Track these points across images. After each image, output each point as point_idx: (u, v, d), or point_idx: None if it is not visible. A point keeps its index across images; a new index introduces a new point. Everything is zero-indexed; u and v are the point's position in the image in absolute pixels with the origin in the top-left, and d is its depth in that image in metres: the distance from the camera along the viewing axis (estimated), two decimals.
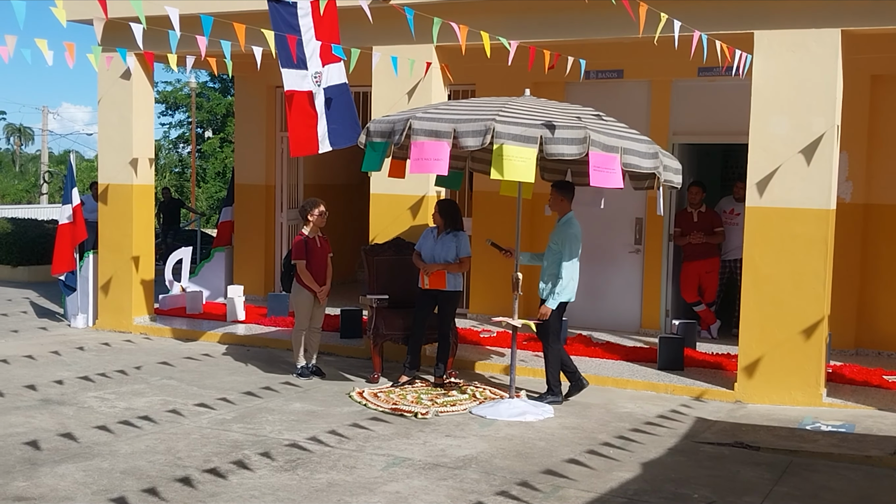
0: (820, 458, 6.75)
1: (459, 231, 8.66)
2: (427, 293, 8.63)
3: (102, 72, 11.33)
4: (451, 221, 8.64)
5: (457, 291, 8.70)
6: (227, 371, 9.34)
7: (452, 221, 8.64)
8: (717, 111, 10.91)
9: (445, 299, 8.63)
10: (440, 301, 8.63)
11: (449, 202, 8.90)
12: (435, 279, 8.55)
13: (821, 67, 8.20)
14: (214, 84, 41.40)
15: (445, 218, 8.63)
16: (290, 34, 8.18)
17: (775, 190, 8.37)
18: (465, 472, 6.23)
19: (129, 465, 6.19)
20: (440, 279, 8.54)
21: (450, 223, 8.63)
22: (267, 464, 6.31)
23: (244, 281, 13.29)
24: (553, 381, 8.22)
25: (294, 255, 8.97)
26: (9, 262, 16.98)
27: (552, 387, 8.23)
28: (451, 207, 8.74)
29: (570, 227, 8.11)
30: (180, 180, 42.63)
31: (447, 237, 8.61)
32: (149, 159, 11.69)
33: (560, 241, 8.04)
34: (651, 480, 6.17)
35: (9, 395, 8.11)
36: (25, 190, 47.16)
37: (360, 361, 9.80)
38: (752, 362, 8.45)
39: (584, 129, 7.05)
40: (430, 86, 9.71)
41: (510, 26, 9.07)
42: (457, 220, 8.67)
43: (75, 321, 11.85)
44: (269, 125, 13.81)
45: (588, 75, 10.64)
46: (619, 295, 11.53)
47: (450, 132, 7.19)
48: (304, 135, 8.70)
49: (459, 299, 8.88)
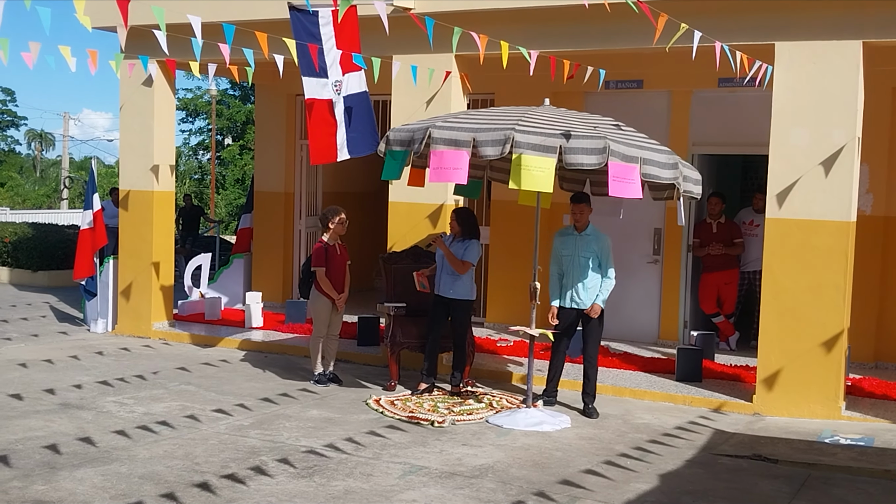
0: (838, 472, 6.71)
1: (473, 238, 8.65)
2: (440, 301, 8.64)
3: (124, 79, 11.43)
4: (468, 229, 8.64)
5: (468, 300, 8.66)
6: (244, 377, 9.37)
7: (469, 229, 8.64)
8: (737, 122, 10.87)
9: (457, 307, 8.62)
10: (452, 309, 8.62)
11: (466, 210, 8.90)
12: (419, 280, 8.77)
13: (842, 79, 8.17)
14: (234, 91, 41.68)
15: (462, 225, 8.63)
16: (311, 43, 8.23)
17: (795, 201, 8.34)
18: (481, 482, 6.22)
19: (148, 470, 6.22)
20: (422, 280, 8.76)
21: (466, 231, 8.63)
22: (284, 470, 6.32)
23: (262, 287, 13.34)
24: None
25: (314, 262, 9.00)
26: (29, 267, 17.11)
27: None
28: (468, 215, 8.74)
29: (605, 237, 8.37)
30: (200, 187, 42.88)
31: (458, 243, 8.61)
32: (170, 166, 11.77)
33: (599, 251, 8.24)
34: (668, 492, 6.14)
35: (28, 398, 8.17)
36: (46, 195, 47.53)
37: (377, 369, 9.82)
38: (771, 374, 8.41)
39: (603, 139, 7.05)
40: (450, 95, 9.73)
41: (530, 36, 9.08)
42: (472, 229, 8.67)
43: (95, 326, 11.93)
44: (289, 133, 13.87)
45: (607, 85, 10.65)
46: (637, 305, 11.49)
47: (469, 141, 7.21)
48: (323, 143, 8.74)
49: (472, 308, 8.85)
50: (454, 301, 8.58)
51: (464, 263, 8.50)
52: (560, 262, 8.26)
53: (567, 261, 8.20)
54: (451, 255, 8.50)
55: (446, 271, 8.58)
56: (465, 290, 8.61)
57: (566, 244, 8.25)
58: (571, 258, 8.18)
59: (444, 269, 8.60)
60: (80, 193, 41.35)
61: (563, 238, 8.32)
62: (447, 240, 8.70)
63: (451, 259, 8.50)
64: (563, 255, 8.24)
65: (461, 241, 8.60)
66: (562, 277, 8.24)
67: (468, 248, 8.55)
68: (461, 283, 8.56)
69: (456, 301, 8.59)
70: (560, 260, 8.26)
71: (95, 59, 7.15)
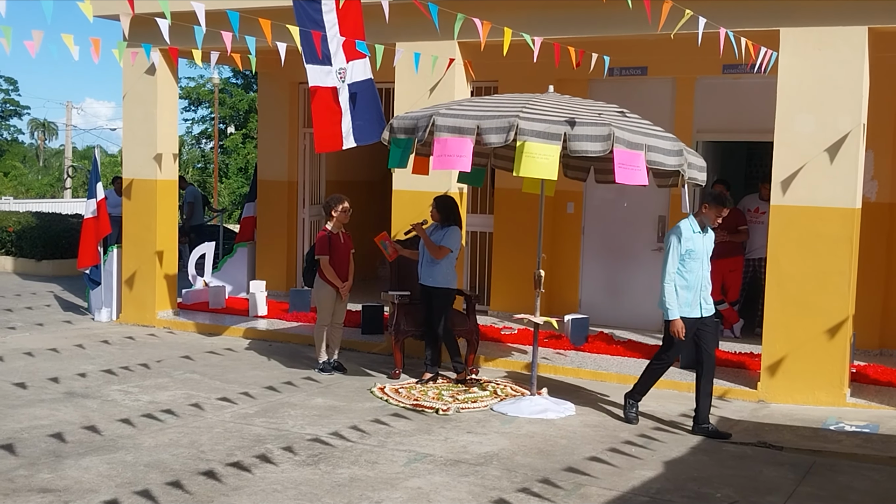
0: (843, 459, 6.71)
1: (453, 225, 8.63)
2: (424, 290, 8.64)
3: (127, 67, 11.40)
4: (447, 216, 8.62)
5: (446, 288, 8.60)
6: (249, 366, 9.38)
7: (448, 216, 8.62)
8: (741, 109, 10.84)
9: (436, 295, 8.58)
10: (432, 297, 8.60)
11: (445, 197, 8.84)
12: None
13: (847, 65, 8.14)
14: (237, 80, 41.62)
15: (441, 212, 8.62)
16: (314, 30, 8.20)
17: (800, 188, 8.31)
18: (486, 469, 6.23)
19: (153, 459, 6.23)
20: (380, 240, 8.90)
21: (445, 218, 8.61)
22: (289, 458, 6.33)
23: (266, 276, 13.33)
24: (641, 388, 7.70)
25: (317, 251, 9.00)
26: (33, 256, 17.12)
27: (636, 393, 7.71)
28: (447, 202, 8.71)
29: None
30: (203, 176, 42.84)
31: (439, 230, 8.60)
32: (173, 154, 11.76)
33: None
34: (673, 479, 6.15)
35: (33, 387, 8.18)
36: (49, 184, 47.53)
37: (382, 357, 9.82)
38: (776, 362, 8.40)
39: (608, 126, 7.02)
40: (453, 82, 9.71)
41: (534, 23, 9.04)
42: (452, 215, 8.64)
43: (99, 315, 11.94)
44: (292, 121, 13.85)
45: (612, 72, 10.61)
46: (641, 293, 11.48)
47: (473, 129, 7.19)
48: (328, 131, 8.72)
49: (452, 296, 8.77)
50: (433, 289, 8.56)
51: (440, 249, 8.47)
52: (686, 265, 7.30)
53: (697, 264, 7.31)
54: (429, 241, 8.50)
55: (426, 259, 8.57)
56: (442, 277, 8.56)
57: (696, 243, 7.31)
58: (702, 260, 7.35)
59: (424, 257, 8.60)
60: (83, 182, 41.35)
61: (693, 237, 7.31)
62: (429, 229, 8.68)
63: (428, 244, 8.50)
64: (695, 258, 7.30)
65: (442, 229, 8.59)
66: (687, 284, 7.32)
67: (447, 234, 8.54)
68: (438, 269, 8.52)
69: (435, 289, 8.55)
70: (689, 263, 7.30)
71: (98, 47, 7.13)
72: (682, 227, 7.32)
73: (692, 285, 7.31)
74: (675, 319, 7.29)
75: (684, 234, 7.28)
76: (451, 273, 8.64)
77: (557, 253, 11.77)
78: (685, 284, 7.29)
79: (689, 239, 7.27)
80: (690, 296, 7.32)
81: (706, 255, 7.40)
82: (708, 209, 7.30)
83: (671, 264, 7.27)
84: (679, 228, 7.32)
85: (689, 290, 7.31)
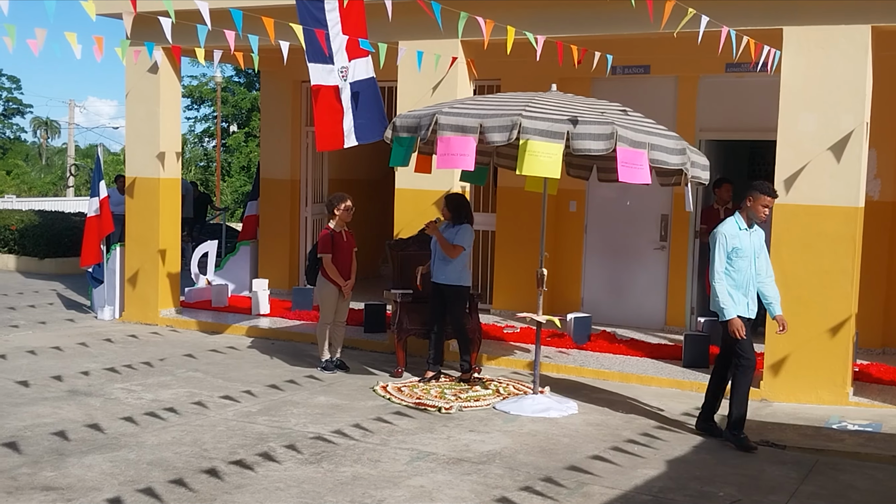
0: (846, 458, 6.71)
1: (465, 223, 8.62)
2: (436, 288, 8.63)
3: (130, 66, 11.40)
4: (458, 214, 8.62)
5: (462, 286, 8.60)
6: (252, 364, 9.39)
7: (459, 214, 8.62)
8: (744, 107, 10.83)
9: (450, 293, 8.58)
10: (446, 296, 8.59)
11: (456, 195, 8.84)
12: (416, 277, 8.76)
13: (850, 64, 8.13)
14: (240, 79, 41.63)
15: (452, 211, 8.61)
16: (317, 28, 8.20)
17: (803, 187, 8.31)
18: (488, 468, 6.23)
19: (156, 457, 6.23)
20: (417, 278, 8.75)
21: (456, 216, 8.61)
22: (292, 456, 6.34)
23: (269, 275, 13.34)
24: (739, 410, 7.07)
25: (320, 249, 9.00)
26: (36, 255, 17.13)
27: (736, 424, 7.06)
28: (458, 200, 8.70)
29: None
30: (205, 174, 42.87)
31: (451, 229, 8.60)
32: (175, 153, 11.77)
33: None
34: (676, 478, 6.15)
35: (36, 385, 8.19)
36: (52, 183, 47.59)
37: (384, 356, 9.82)
38: (779, 360, 8.40)
39: (611, 124, 7.02)
40: (456, 81, 9.71)
41: (536, 21, 9.04)
42: (463, 213, 8.64)
43: (102, 313, 11.95)
44: (295, 120, 13.86)
45: (614, 71, 10.59)
46: (643, 292, 11.49)
47: (476, 127, 7.18)
48: (330, 129, 8.72)
49: (467, 294, 8.78)
50: (447, 287, 8.56)
51: (454, 247, 8.47)
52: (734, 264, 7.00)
53: (746, 263, 7.01)
54: (443, 240, 8.49)
55: (439, 257, 8.57)
56: (456, 275, 8.56)
57: (742, 240, 7.01)
58: (750, 259, 7.04)
59: (437, 255, 8.60)
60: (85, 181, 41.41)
61: (738, 234, 7.01)
62: (440, 227, 8.69)
63: (442, 243, 8.49)
64: (742, 256, 7.00)
65: (454, 227, 8.59)
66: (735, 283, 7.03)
67: (459, 232, 8.54)
68: (452, 268, 8.52)
69: (448, 287, 8.56)
70: (736, 261, 6.99)
71: (101, 45, 7.13)
72: (726, 224, 7.05)
73: (740, 284, 7.00)
74: (733, 319, 6.92)
75: (729, 231, 6.98)
76: (465, 270, 8.65)
77: (560, 251, 11.77)
78: (733, 284, 6.99)
79: (734, 236, 6.97)
80: (739, 295, 7.02)
81: (754, 253, 7.04)
82: (752, 202, 6.97)
83: (718, 262, 6.95)
84: (723, 225, 7.05)
85: (738, 289, 7.01)
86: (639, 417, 7.69)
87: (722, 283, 6.97)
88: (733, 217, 7.11)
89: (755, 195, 6.97)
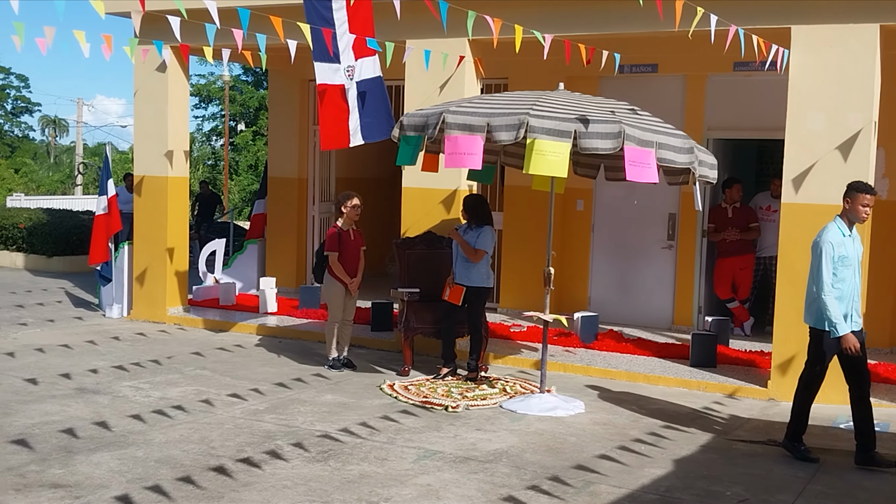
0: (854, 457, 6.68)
1: (484, 226, 8.62)
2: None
3: (138, 64, 11.42)
4: (477, 217, 8.61)
5: (484, 287, 8.65)
6: (259, 362, 9.40)
7: (475, 217, 8.61)
8: (752, 106, 10.81)
9: (472, 294, 8.61)
10: (468, 296, 8.61)
11: (475, 197, 8.84)
12: (453, 294, 8.59)
13: (858, 63, 8.11)
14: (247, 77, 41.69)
15: (471, 214, 8.62)
16: (324, 27, 8.21)
17: (811, 186, 8.29)
18: (495, 466, 6.23)
19: (164, 454, 6.25)
20: (456, 295, 8.56)
21: (476, 219, 8.61)
22: (299, 454, 6.35)
23: (276, 273, 13.36)
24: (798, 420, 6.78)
25: (327, 247, 9.01)
26: (44, 253, 17.18)
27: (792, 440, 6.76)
28: (477, 203, 8.70)
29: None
30: (213, 173, 42.95)
31: (472, 231, 8.60)
32: (184, 152, 11.79)
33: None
34: (683, 477, 6.14)
35: (45, 383, 8.21)
36: (60, 181, 47.67)
37: (391, 354, 9.83)
38: (786, 360, 8.38)
39: (618, 123, 7.01)
40: (463, 80, 9.71)
41: (544, 20, 9.03)
42: (483, 215, 8.63)
43: (110, 311, 11.98)
44: (302, 119, 13.87)
45: (622, 69, 10.57)
46: (651, 291, 11.48)
47: (483, 126, 7.18)
48: (335, 128, 8.72)
49: (488, 294, 8.83)
50: (469, 288, 8.57)
51: (476, 251, 8.49)
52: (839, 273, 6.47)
53: (850, 272, 6.51)
54: (465, 244, 8.49)
55: (461, 259, 8.57)
56: (480, 277, 8.60)
57: (847, 248, 6.52)
58: (854, 267, 6.55)
59: (458, 258, 8.60)
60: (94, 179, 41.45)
61: (843, 241, 6.51)
62: (461, 228, 8.69)
63: (465, 248, 8.50)
64: (847, 264, 6.50)
65: (474, 229, 8.59)
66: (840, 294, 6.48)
67: (481, 235, 8.54)
68: (476, 270, 8.55)
69: (471, 288, 8.57)
70: (841, 270, 6.47)
71: (110, 44, 7.15)
72: (831, 231, 6.46)
73: (844, 295, 6.46)
74: (846, 335, 6.35)
75: (835, 239, 6.41)
76: (487, 271, 8.67)
77: (567, 250, 11.76)
78: (838, 295, 6.42)
79: (840, 244, 6.42)
80: (843, 307, 6.46)
81: (857, 262, 6.57)
82: (851, 203, 6.46)
83: (826, 273, 6.36)
84: (828, 232, 6.45)
85: (842, 301, 6.44)
86: (646, 417, 7.68)
87: (831, 296, 6.36)
88: (834, 223, 6.54)
89: (853, 195, 6.48)
